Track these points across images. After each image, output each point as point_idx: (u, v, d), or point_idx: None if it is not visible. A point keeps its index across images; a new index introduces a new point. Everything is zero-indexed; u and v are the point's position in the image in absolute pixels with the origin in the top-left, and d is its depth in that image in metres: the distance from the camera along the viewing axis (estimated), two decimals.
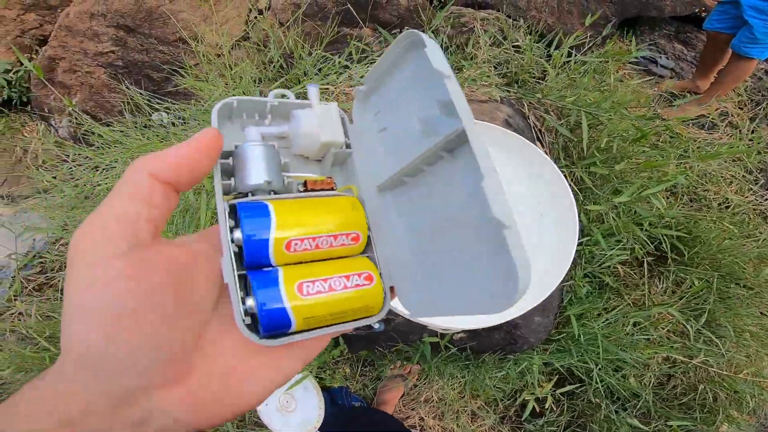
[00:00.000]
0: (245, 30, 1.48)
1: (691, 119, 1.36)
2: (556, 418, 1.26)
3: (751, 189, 1.45)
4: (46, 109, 1.81)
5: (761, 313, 1.23)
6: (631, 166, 1.20)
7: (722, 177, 1.40)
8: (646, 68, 2.02)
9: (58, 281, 1.39)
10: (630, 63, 1.96)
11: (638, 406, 1.19)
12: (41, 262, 1.44)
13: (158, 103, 1.44)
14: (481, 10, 1.77)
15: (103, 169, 1.30)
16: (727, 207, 1.38)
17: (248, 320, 0.21)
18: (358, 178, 0.28)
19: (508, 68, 1.31)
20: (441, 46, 1.34)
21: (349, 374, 1.32)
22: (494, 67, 1.29)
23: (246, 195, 0.24)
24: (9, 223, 2.02)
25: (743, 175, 1.44)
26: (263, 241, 0.22)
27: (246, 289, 0.22)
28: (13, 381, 1.22)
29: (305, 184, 0.26)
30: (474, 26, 1.54)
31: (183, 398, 0.19)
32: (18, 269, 1.66)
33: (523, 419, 1.25)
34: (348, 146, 0.28)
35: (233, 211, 0.23)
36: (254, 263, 0.23)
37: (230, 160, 0.25)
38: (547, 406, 1.21)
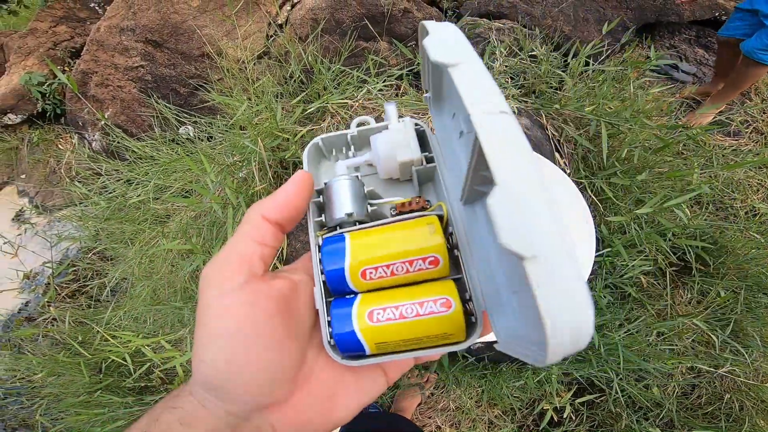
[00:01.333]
0: (266, 45, 1.53)
1: (715, 127, 1.34)
2: (575, 428, 1.24)
3: None
4: (80, 123, 1.90)
5: None
6: (653, 176, 1.19)
7: (749, 185, 1.37)
8: (667, 75, 1.99)
9: (90, 289, 1.45)
10: (650, 70, 1.94)
11: (661, 416, 1.16)
12: (74, 270, 1.51)
13: (185, 118, 1.50)
14: (496, 20, 1.78)
15: (136, 183, 1.36)
16: (755, 215, 1.35)
17: (332, 342, 0.23)
18: (445, 192, 0.26)
19: (524, 79, 1.32)
20: None
21: None
22: (510, 77, 1.30)
23: (335, 228, 0.26)
24: (43, 232, 2.13)
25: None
26: (339, 270, 0.24)
27: None
28: (45, 385, 1.28)
29: (396, 207, 0.26)
30: (489, 37, 1.56)
31: (288, 417, 0.21)
32: (52, 276, 1.74)
33: (540, 429, 1.24)
34: (430, 160, 0.27)
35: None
36: (338, 291, 0.24)
37: (321, 198, 0.27)
38: (565, 416, 1.20)
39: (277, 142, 1.13)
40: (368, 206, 0.26)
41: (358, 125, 0.28)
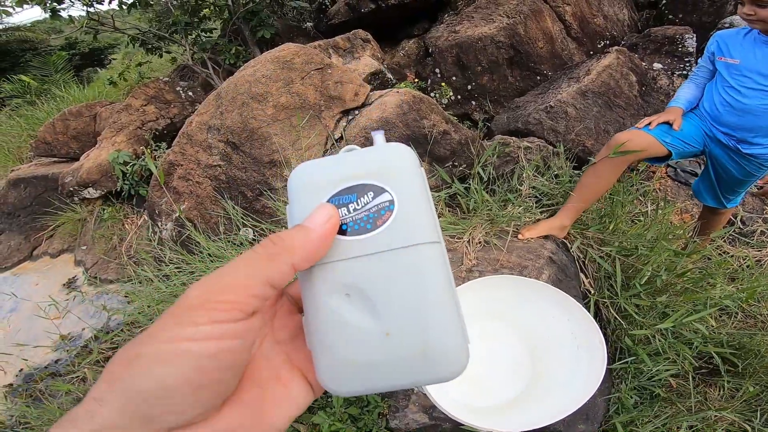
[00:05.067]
0: (322, 156, 1.81)
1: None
2: None
3: None
4: (156, 211, 2.18)
5: None
6: (675, 293, 1.27)
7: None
8: (686, 182, 2.11)
9: None
10: (671, 178, 2.07)
11: None
12: (114, 339, 1.66)
13: (247, 220, 1.74)
14: (524, 138, 2.00)
15: (198, 275, 1.57)
16: None
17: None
18: None
19: (549, 198, 1.49)
20: (488, 176, 1.55)
21: None
22: (536, 198, 1.47)
23: None
24: (89, 301, 2.36)
25: None
26: None
27: None
28: None
29: None
30: (518, 156, 1.77)
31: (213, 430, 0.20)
32: (92, 339, 1.93)
33: None
34: None
35: None
36: None
37: None
38: None
39: None
40: None
41: (347, 151, 0.28)
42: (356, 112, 1.95)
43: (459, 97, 2.65)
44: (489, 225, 1.37)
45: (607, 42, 2.83)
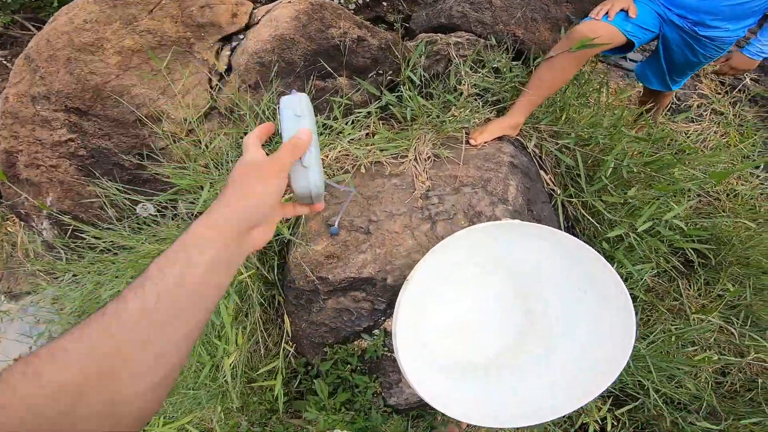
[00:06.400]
0: (211, 99, 1.38)
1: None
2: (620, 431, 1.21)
3: (753, 173, 1.45)
4: (22, 212, 1.65)
5: None
6: (642, 185, 1.17)
7: (725, 168, 1.39)
8: (616, 64, 2.02)
9: None
10: (601, 61, 1.95)
11: (702, 408, 1.15)
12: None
13: (139, 195, 1.33)
14: (450, 33, 1.73)
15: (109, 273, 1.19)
16: (735, 196, 1.37)
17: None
18: None
19: (492, 95, 1.26)
20: (420, 79, 1.27)
21: (402, 428, 1.26)
22: (479, 95, 1.24)
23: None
24: (19, 318, 1.94)
25: (741, 160, 1.43)
26: None
27: None
28: None
29: None
30: (449, 53, 1.50)
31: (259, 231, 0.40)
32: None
33: None
34: None
35: None
36: None
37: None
38: (609, 429, 1.17)
39: None
40: None
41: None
42: (240, 36, 1.51)
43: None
44: (434, 134, 1.12)
45: None
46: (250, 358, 1.13)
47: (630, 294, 0.78)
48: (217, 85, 1.40)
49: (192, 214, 1.23)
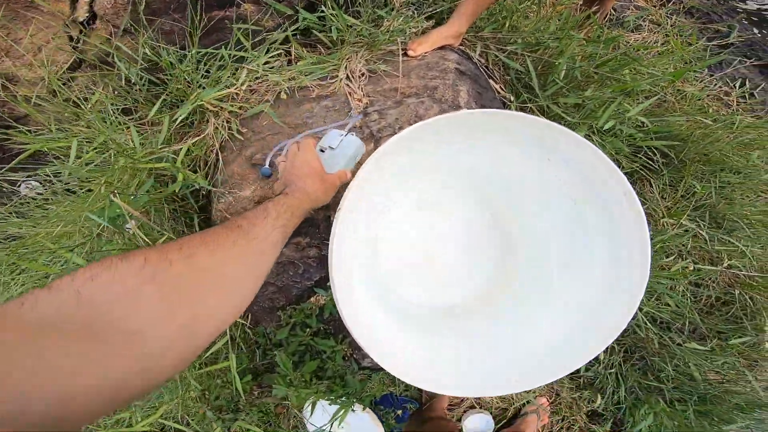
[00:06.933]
0: (76, 53, 1.09)
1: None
2: (610, 358, 1.15)
3: (698, 78, 1.43)
4: None
5: (757, 197, 1.20)
6: (597, 86, 1.07)
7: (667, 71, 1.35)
8: None
9: None
10: None
11: (685, 325, 1.09)
12: None
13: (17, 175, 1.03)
14: None
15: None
16: (683, 98, 1.33)
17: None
18: None
19: (430, 5, 1.10)
20: None
21: (388, 382, 1.16)
22: (415, 6, 1.07)
23: None
24: None
25: (683, 64, 1.40)
26: None
27: None
28: None
29: None
30: None
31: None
32: None
33: (582, 372, 1.17)
34: None
35: None
36: None
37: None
38: (601, 357, 1.11)
39: (144, 180, 0.78)
40: None
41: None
42: None
43: None
44: (367, 51, 0.93)
45: None
46: None
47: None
48: (83, 35, 1.11)
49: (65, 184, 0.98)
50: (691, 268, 1.10)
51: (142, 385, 0.29)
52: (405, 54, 0.94)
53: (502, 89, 1.05)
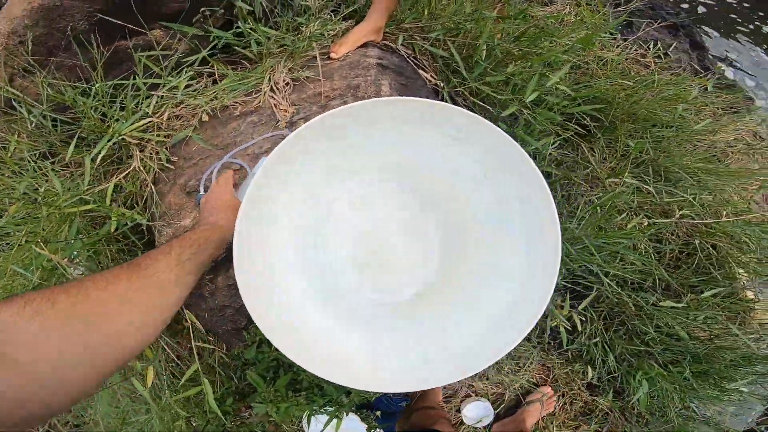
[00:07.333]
0: None
1: None
2: (591, 328, 1.15)
3: (614, 43, 1.51)
4: None
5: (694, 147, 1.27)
6: (518, 61, 1.10)
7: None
8: None
9: None
10: None
11: (656, 283, 1.10)
12: None
13: None
14: None
15: None
16: (604, 64, 1.40)
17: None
18: None
19: (349, 5, 1.09)
20: (262, 8, 1.04)
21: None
22: (333, 9, 1.05)
23: None
24: None
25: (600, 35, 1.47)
26: None
27: None
28: None
29: None
30: None
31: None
32: None
33: (565, 346, 1.14)
34: None
35: None
36: None
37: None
38: (580, 328, 1.10)
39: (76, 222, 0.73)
40: None
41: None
42: None
43: None
44: (290, 61, 0.91)
45: None
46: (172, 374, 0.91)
47: (542, 171, 0.62)
48: None
49: None
50: (646, 223, 1.11)
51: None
52: (329, 57, 0.93)
53: (433, 77, 1.05)
